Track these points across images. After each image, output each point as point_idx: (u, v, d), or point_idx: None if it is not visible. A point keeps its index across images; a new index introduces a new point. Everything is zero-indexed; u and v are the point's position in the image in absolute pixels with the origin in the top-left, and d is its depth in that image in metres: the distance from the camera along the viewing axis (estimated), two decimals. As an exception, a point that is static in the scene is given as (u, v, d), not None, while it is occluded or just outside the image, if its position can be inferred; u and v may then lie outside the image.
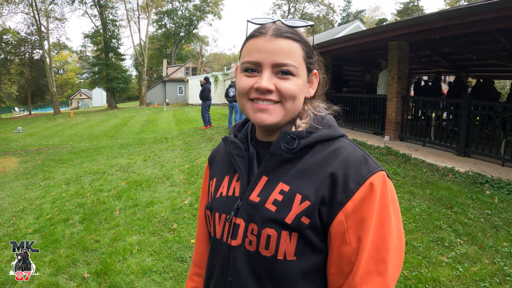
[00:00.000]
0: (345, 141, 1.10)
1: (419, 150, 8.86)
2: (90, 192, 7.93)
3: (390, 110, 10.40)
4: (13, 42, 51.40)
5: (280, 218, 1.02)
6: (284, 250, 1.02)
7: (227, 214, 1.12)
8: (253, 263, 1.06)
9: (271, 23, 1.09)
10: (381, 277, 0.96)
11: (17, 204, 8.12)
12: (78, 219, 6.40)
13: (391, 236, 0.99)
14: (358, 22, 25.97)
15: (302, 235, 1.02)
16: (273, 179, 1.08)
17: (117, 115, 34.80)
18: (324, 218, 1.01)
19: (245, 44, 1.11)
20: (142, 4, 53.10)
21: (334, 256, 1.02)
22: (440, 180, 6.74)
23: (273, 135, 1.15)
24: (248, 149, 1.18)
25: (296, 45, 1.07)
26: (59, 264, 4.72)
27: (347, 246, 0.98)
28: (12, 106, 71.48)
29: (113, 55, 49.91)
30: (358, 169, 1.01)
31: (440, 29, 8.05)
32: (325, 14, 67.01)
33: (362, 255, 0.96)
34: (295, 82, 1.06)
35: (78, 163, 12.37)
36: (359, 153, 1.06)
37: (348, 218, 0.98)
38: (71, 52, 73.80)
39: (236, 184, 1.15)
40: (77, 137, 22.00)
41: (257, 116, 1.07)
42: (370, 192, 0.98)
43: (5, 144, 21.36)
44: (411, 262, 4.09)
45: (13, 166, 14.13)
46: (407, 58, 10.47)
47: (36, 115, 48.84)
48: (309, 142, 1.07)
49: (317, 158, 1.06)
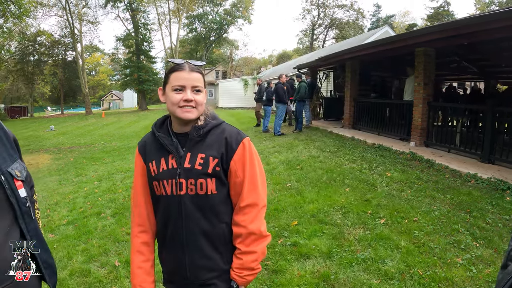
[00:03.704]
0: (226, 124, 1.95)
1: (444, 156, 8.83)
2: (121, 189, 8.27)
3: (416, 116, 10.38)
4: (47, 44, 52.47)
5: (205, 171, 1.81)
6: (211, 189, 1.83)
7: (172, 178, 1.83)
8: (195, 201, 1.82)
9: (185, 63, 1.86)
10: (255, 191, 1.86)
11: (51, 198, 8.48)
12: (110, 213, 6.69)
13: (256, 170, 1.89)
14: (387, 27, 25.73)
15: (217, 178, 1.84)
16: (194, 153, 1.84)
17: (148, 117, 35.24)
18: (224, 165, 1.85)
19: (171, 74, 1.85)
20: (173, 9, 53.44)
21: (232, 185, 1.89)
22: (461, 185, 6.76)
23: (186, 127, 1.89)
24: (172, 138, 1.88)
25: (201, 75, 1.87)
26: (91, 253, 4.97)
27: (238, 178, 1.86)
28: (45, 105, 73.04)
29: (145, 58, 50.44)
30: (236, 137, 1.88)
31: (468, 35, 7.97)
32: (354, 19, 66.48)
33: (245, 181, 1.85)
34: (202, 95, 1.86)
35: (110, 162, 12.75)
36: (235, 129, 1.94)
37: (236, 163, 1.85)
38: (103, 54, 74.92)
39: (172, 161, 1.85)
40: (108, 136, 22.50)
41: (185, 115, 1.80)
42: (243, 148, 1.87)
43: (38, 142, 21.96)
44: (426, 262, 4.17)
45: (46, 163, 14.60)
46: (433, 64, 10.43)
47: (68, 115, 49.75)
48: (208, 129, 1.87)
49: (214, 136, 1.87)
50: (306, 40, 74.15)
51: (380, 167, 8.18)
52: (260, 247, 1.87)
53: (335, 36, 67.69)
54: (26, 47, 50.38)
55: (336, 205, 6.07)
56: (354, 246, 4.66)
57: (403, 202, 6.06)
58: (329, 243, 4.76)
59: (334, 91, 20.44)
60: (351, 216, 5.58)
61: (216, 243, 1.89)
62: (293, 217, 5.73)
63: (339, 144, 11.28)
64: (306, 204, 6.23)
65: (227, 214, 1.92)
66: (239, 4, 64.16)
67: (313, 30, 68.17)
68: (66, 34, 52.18)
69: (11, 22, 24.82)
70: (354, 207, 5.93)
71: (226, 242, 1.92)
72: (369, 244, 4.67)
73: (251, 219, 1.85)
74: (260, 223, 1.88)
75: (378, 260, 4.26)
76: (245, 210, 1.86)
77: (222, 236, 1.90)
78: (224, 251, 1.92)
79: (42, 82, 62.17)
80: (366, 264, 4.21)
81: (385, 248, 4.54)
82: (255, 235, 1.85)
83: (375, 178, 7.41)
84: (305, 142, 12.14)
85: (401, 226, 5.13)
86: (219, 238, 1.89)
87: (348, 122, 14.92)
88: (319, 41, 70.28)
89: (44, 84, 63.57)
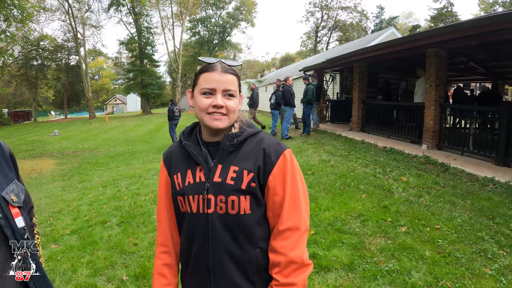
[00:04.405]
0: (264, 133, 1.73)
1: (458, 159, 8.64)
2: (127, 196, 8.03)
3: (428, 118, 10.19)
4: (50, 48, 52.76)
5: (238, 187, 1.58)
6: (244, 208, 1.59)
7: (199, 194, 1.61)
8: (224, 221, 1.59)
9: (217, 62, 1.64)
10: (297, 212, 1.62)
11: (54, 205, 8.25)
12: (115, 222, 6.46)
13: (299, 187, 1.64)
14: (392, 29, 25.52)
15: (252, 195, 1.60)
16: (225, 165, 1.61)
17: (152, 121, 35.26)
18: (261, 181, 1.61)
19: (201, 75, 1.64)
20: (176, 12, 53.52)
21: (270, 204, 1.64)
22: (480, 190, 6.56)
23: (217, 136, 1.68)
24: (201, 148, 1.68)
25: (235, 77, 1.65)
26: (97, 265, 4.73)
27: (277, 196, 1.61)
28: (49, 110, 73.28)
29: (148, 62, 50.63)
30: (276, 148, 1.64)
31: (477, 35, 7.85)
32: (358, 21, 66.35)
33: (285, 200, 1.60)
34: (235, 101, 1.64)
35: (114, 167, 12.57)
36: (274, 139, 1.70)
37: (275, 178, 1.61)
38: (106, 58, 75.09)
39: (200, 173, 1.64)
40: (112, 141, 22.41)
41: (214, 124, 1.59)
42: (284, 161, 1.62)
43: (42, 147, 21.81)
44: (454, 273, 3.96)
45: (50, 168, 14.44)
46: (445, 65, 10.25)
47: (71, 119, 49.93)
48: (243, 138, 1.65)
49: (250, 146, 1.65)
50: (309, 42, 74.35)
51: (394, 172, 7.95)
52: (301, 278, 1.59)
53: (338, 38, 67.69)
54: (29, 51, 50.71)
55: (353, 213, 5.84)
56: (377, 257, 4.43)
57: (422, 208, 5.82)
58: (350, 254, 4.53)
59: (340, 94, 20.29)
60: (370, 225, 5.35)
61: (247, 270, 1.64)
62: (310, 225, 5.46)
63: (349, 148, 11.07)
64: (322, 212, 6.02)
65: (262, 238, 1.66)
66: (242, 7, 64.15)
67: (317, 33, 68.16)
68: (69, 38, 52.61)
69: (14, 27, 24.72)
70: (372, 214, 5.70)
71: (259, 271, 1.66)
72: (392, 255, 4.44)
73: (292, 245, 1.59)
74: (302, 250, 1.61)
75: (404, 272, 4.03)
76: (284, 234, 1.61)
77: (255, 263, 1.64)
78: (257, 281, 1.66)
79: (45, 87, 62.33)
80: (391, 276, 3.99)
81: (410, 258, 4.31)
82: (296, 264, 1.58)
83: (390, 183, 7.18)
84: (314, 145, 11.95)
85: (423, 235, 4.89)
86: (251, 265, 1.64)
87: (357, 124, 14.74)
88: (322, 43, 70.40)
89: (48, 88, 63.71)
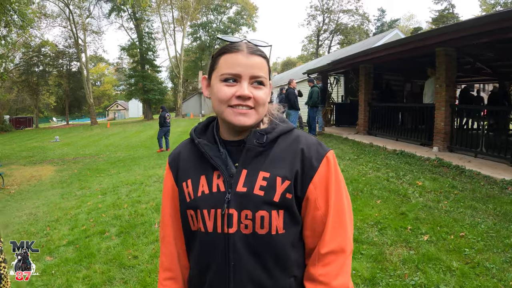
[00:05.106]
0: (299, 131, 1.37)
1: (472, 162, 8.34)
2: (127, 204, 7.66)
3: (439, 120, 9.89)
4: (51, 55, 52.82)
5: (270, 199, 1.21)
6: (276, 226, 1.22)
7: (217, 208, 1.24)
8: (250, 243, 1.22)
9: (242, 41, 1.29)
10: (343, 230, 1.26)
11: (52, 213, 7.96)
12: (114, 232, 6.12)
13: (344, 199, 1.29)
14: (396, 30, 25.24)
15: (287, 210, 1.24)
16: (252, 170, 1.25)
17: (153, 126, 34.98)
18: (298, 191, 1.25)
19: (220, 57, 1.28)
20: (177, 17, 53.52)
21: (308, 221, 1.28)
22: (500, 193, 6.22)
23: (240, 135, 1.32)
24: (219, 148, 1.31)
25: (264, 61, 1.30)
26: (93, 281, 4.44)
27: (319, 210, 1.25)
28: (50, 116, 73.30)
29: (149, 67, 50.68)
30: (317, 149, 1.29)
31: (483, 34, 7.67)
32: (359, 24, 66.21)
33: (329, 216, 1.24)
34: (265, 91, 1.28)
35: (115, 173, 12.25)
36: (314, 138, 1.34)
37: (316, 188, 1.25)
38: (108, 64, 75.26)
39: (218, 181, 1.27)
40: (113, 147, 22.20)
41: (238, 119, 1.24)
42: (328, 166, 1.27)
43: (42, 153, 21.67)
44: (486, 285, 3.62)
45: (50, 175, 14.20)
46: (455, 65, 10.01)
47: (73, 125, 49.90)
48: (274, 135, 1.29)
49: (283, 146, 1.29)
50: (310, 46, 74.46)
51: (408, 175, 7.59)
52: None
53: (340, 42, 67.56)
54: (30, 58, 50.77)
55: (370, 220, 5.47)
56: (400, 269, 4.06)
57: (443, 214, 5.45)
58: (370, 266, 4.17)
59: (345, 96, 20.00)
60: (389, 233, 4.97)
61: None
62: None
63: (358, 151, 10.75)
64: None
65: (296, 264, 1.29)
66: (243, 12, 64.32)
67: (318, 36, 68.04)
68: (70, 44, 52.74)
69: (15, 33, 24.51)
70: (390, 222, 5.33)
71: None
72: (416, 267, 4.07)
73: (336, 272, 1.23)
74: (347, 277, 1.25)
75: (432, 286, 3.68)
76: (327, 258, 1.24)
77: None
78: None
79: (47, 93, 62.47)
80: (418, 292, 3.60)
81: (436, 270, 3.95)
82: None
83: (405, 187, 6.81)
84: (321, 149, 11.48)
85: (448, 243, 4.53)
86: None
87: (363, 127, 14.47)
88: (324, 47, 70.48)
89: (49, 94, 63.84)
